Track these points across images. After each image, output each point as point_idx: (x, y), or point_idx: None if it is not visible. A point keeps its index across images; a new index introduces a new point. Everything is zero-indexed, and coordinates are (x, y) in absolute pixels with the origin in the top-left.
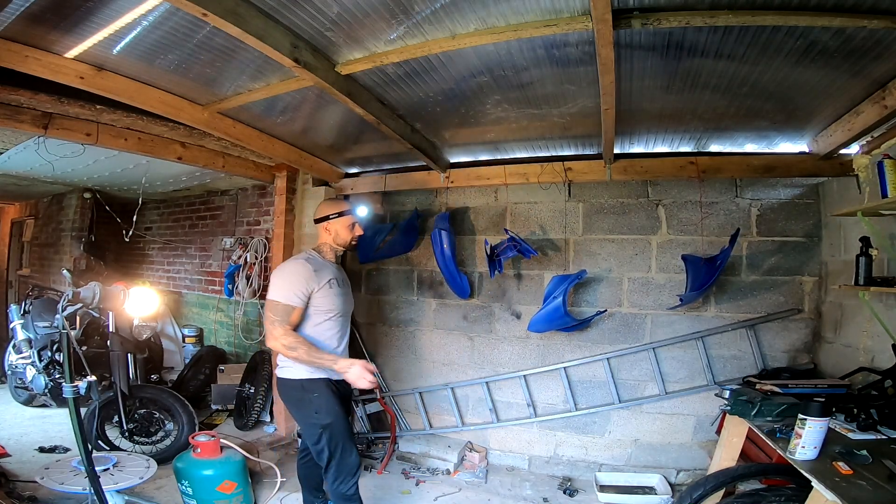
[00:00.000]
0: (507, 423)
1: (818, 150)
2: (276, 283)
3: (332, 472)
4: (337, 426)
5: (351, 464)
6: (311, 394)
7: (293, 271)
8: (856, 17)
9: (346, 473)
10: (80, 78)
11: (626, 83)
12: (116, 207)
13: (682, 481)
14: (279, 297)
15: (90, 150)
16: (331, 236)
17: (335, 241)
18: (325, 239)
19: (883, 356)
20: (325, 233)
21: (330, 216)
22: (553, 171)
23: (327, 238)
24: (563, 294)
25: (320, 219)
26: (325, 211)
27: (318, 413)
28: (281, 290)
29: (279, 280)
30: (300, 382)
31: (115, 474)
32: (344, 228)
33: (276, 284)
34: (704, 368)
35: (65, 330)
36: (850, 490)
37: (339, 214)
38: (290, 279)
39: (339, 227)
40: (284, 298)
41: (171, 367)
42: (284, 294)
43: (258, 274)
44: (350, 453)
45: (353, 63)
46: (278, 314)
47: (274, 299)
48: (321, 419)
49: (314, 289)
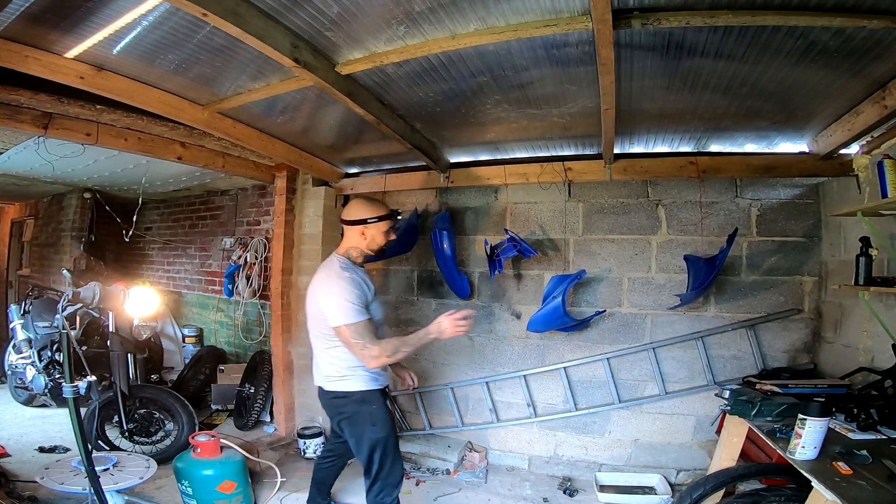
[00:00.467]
0: (507, 423)
1: (818, 150)
2: (335, 305)
3: (378, 484)
4: (391, 439)
5: (397, 475)
6: (369, 406)
7: (347, 288)
8: (856, 17)
9: (391, 485)
10: (80, 78)
11: (626, 83)
12: (116, 207)
13: (682, 481)
14: (350, 318)
15: (90, 150)
16: (365, 241)
17: (368, 246)
18: (357, 243)
19: (883, 356)
20: (360, 237)
21: (369, 220)
22: (553, 171)
23: (360, 242)
24: (562, 294)
25: (356, 221)
26: (363, 213)
27: (375, 426)
28: (347, 311)
29: (336, 301)
30: (360, 395)
31: (115, 474)
32: (381, 234)
33: (337, 307)
34: (704, 368)
35: (65, 330)
36: (850, 490)
37: (380, 218)
38: (348, 295)
39: (376, 232)
40: (356, 316)
41: (171, 367)
42: (353, 312)
43: (258, 274)
44: (398, 464)
45: (353, 63)
46: (363, 335)
47: (347, 324)
48: (377, 432)
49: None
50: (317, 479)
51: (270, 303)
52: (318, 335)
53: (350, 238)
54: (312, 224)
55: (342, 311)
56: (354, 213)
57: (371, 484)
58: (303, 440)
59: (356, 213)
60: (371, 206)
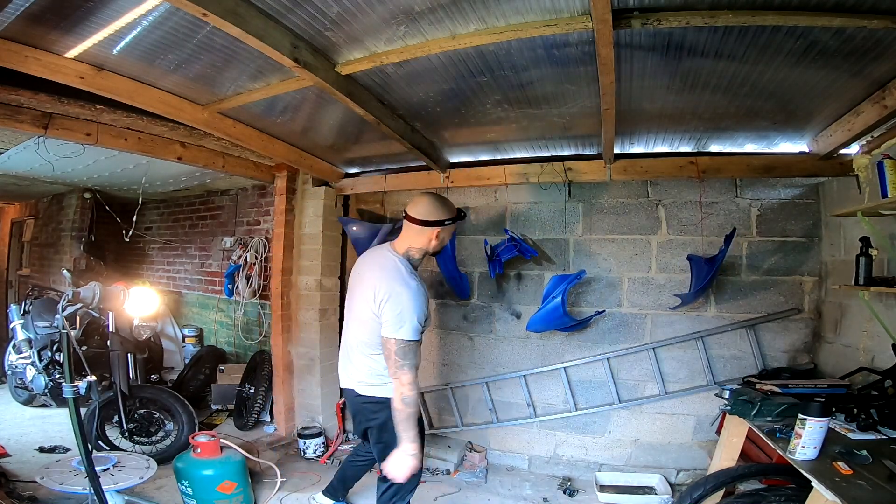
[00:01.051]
0: (507, 423)
1: (818, 150)
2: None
3: (394, 487)
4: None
5: (415, 481)
6: None
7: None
8: (856, 17)
9: (406, 491)
10: (80, 78)
11: (625, 83)
12: (116, 207)
13: (682, 481)
14: (408, 335)
15: (90, 150)
16: (435, 243)
17: (434, 248)
18: (424, 244)
19: (883, 356)
20: (430, 239)
21: (446, 221)
22: (553, 171)
23: (427, 244)
24: (562, 294)
25: (432, 222)
26: (441, 214)
27: None
28: (409, 327)
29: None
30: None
31: (115, 474)
32: (449, 235)
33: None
34: (704, 368)
35: (65, 330)
36: (850, 490)
37: (453, 220)
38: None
39: (447, 235)
40: (413, 335)
41: (171, 367)
42: (412, 331)
43: (258, 274)
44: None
45: (353, 63)
46: (408, 357)
47: (401, 339)
48: None
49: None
50: (344, 475)
51: (270, 303)
52: (364, 338)
53: (416, 238)
54: (312, 224)
55: (405, 325)
56: (431, 213)
57: (387, 488)
58: (303, 440)
59: (433, 214)
60: (446, 207)
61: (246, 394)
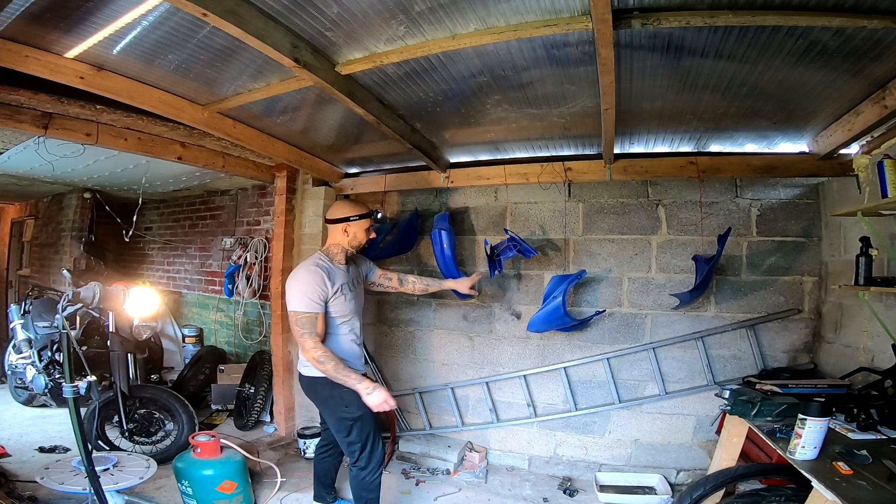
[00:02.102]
0: (507, 423)
1: (818, 150)
2: (293, 292)
3: (361, 463)
4: (366, 418)
5: (379, 455)
6: (339, 389)
7: (308, 280)
8: (856, 17)
9: (374, 464)
10: (80, 78)
11: (625, 83)
12: (116, 207)
13: (682, 481)
14: (300, 307)
15: (90, 150)
16: (347, 238)
17: (350, 243)
18: (339, 240)
19: (883, 356)
20: (342, 234)
21: (351, 217)
22: (553, 171)
23: (342, 239)
24: (562, 294)
25: (339, 219)
26: (345, 212)
27: (348, 407)
28: (300, 299)
29: (295, 289)
30: (327, 379)
31: (115, 474)
32: (362, 231)
33: (294, 294)
34: (704, 368)
35: (65, 330)
36: (850, 490)
37: (360, 217)
38: (305, 287)
39: (357, 229)
40: (305, 307)
41: (171, 367)
42: (305, 303)
43: (258, 274)
44: (378, 445)
45: (353, 63)
46: (305, 326)
47: (296, 310)
48: (351, 412)
49: (328, 295)
50: (317, 472)
51: (270, 303)
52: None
53: (333, 235)
54: (312, 224)
55: (295, 298)
56: (337, 212)
57: (354, 463)
58: (303, 440)
59: (338, 212)
60: (352, 206)
61: (246, 394)
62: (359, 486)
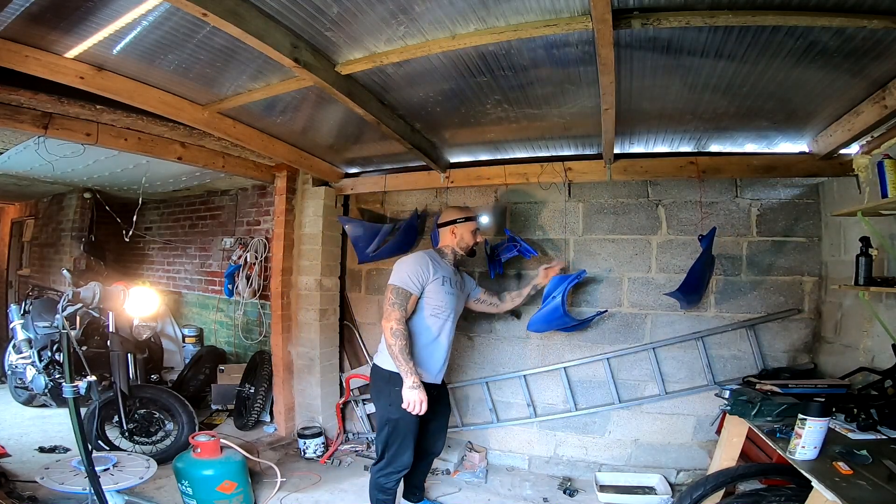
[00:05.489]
0: (507, 423)
1: (818, 150)
2: (398, 270)
3: (382, 462)
4: (403, 424)
5: (402, 463)
6: (393, 386)
7: (414, 261)
8: (856, 17)
9: (393, 470)
10: (80, 78)
11: (625, 83)
12: (116, 207)
13: (682, 481)
14: (399, 282)
15: (90, 150)
16: (455, 239)
17: (458, 245)
18: (449, 242)
19: (883, 356)
20: (451, 236)
21: (458, 220)
22: (553, 171)
23: (451, 241)
24: (562, 294)
25: (447, 222)
26: (452, 215)
27: (391, 406)
28: (401, 276)
29: (401, 268)
30: (388, 373)
31: (115, 474)
32: (468, 233)
33: (398, 271)
34: (704, 368)
35: (65, 330)
36: (850, 490)
37: (467, 219)
38: (410, 268)
39: (464, 232)
40: (403, 283)
41: (171, 367)
42: (404, 280)
43: (258, 274)
44: (405, 452)
45: (353, 63)
46: (398, 298)
47: (394, 284)
48: (391, 413)
49: (429, 279)
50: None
51: (270, 303)
52: None
53: (443, 238)
54: (312, 224)
55: (396, 274)
56: (446, 217)
57: (378, 460)
58: (303, 440)
59: (447, 216)
60: (459, 209)
61: (246, 394)
62: (374, 486)
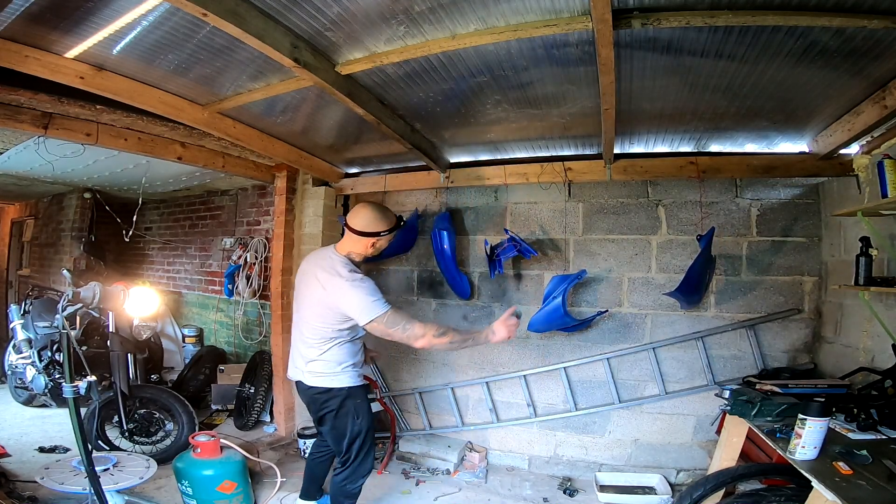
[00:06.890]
0: (507, 423)
1: (818, 150)
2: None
3: (347, 472)
4: (370, 432)
5: (367, 467)
6: (354, 400)
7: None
8: (856, 17)
9: (360, 475)
10: (80, 78)
11: (626, 83)
12: (116, 207)
13: (682, 481)
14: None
15: (90, 150)
16: (372, 250)
17: (373, 254)
18: (362, 250)
19: (883, 356)
20: (369, 247)
21: (381, 233)
22: (553, 171)
23: (365, 250)
24: (562, 294)
25: (371, 234)
26: (377, 227)
27: (359, 419)
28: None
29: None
30: (346, 391)
31: (115, 474)
32: (387, 242)
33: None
34: (704, 368)
35: (65, 330)
36: (850, 490)
37: (390, 231)
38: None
39: (384, 242)
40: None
41: (171, 367)
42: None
43: (258, 274)
44: (370, 457)
45: (353, 63)
46: (397, 322)
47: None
48: (361, 424)
49: None
50: (311, 474)
51: (270, 303)
52: (312, 331)
53: (356, 244)
54: (312, 224)
55: (369, 308)
56: (367, 225)
57: (342, 470)
58: (303, 440)
59: (369, 226)
60: (383, 219)
61: (246, 394)
62: (340, 492)
